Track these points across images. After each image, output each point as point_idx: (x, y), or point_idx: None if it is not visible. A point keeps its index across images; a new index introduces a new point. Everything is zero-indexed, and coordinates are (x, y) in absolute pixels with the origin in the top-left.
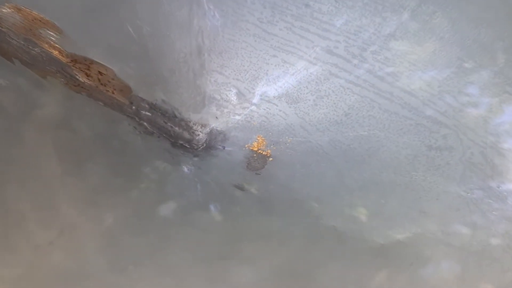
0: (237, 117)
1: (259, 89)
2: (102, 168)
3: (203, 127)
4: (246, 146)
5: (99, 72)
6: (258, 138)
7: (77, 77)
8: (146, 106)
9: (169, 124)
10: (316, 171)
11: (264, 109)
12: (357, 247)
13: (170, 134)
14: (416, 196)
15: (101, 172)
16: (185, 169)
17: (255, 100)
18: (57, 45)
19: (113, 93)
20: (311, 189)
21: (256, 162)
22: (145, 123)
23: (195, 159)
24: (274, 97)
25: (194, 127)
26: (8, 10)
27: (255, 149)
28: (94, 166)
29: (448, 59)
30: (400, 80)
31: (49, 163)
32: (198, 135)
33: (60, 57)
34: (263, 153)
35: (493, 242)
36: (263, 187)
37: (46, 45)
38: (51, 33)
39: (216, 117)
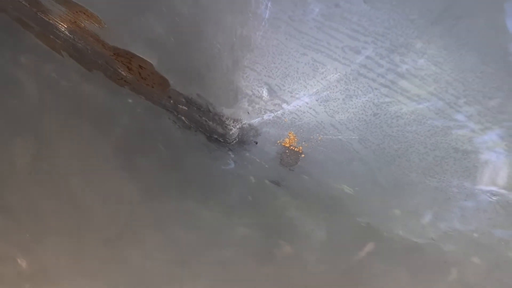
0: (268, 113)
1: (289, 86)
2: (152, 163)
3: (235, 122)
4: (278, 142)
5: (140, 66)
6: (290, 135)
7: (120, 70)
8: (183, 100)
9: (203, 118)
10: (348, 168)
11: (295, 107)
12: (391, 245)
13: (205, 128)
14: (446, 197)
15: (151, 166)
16: (222, 164)
17: (285, 97)
18: (100, 38)
19: (152, 86)
20: (344, 187)
21: (289, 158)
22: (183, 117)
23: (230, 153)
24: (304, 95)
25: (227, 122)
26: (54, 1)
27: (287, 145)
28: (143, 160)
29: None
30: (427, 82)
31: (104, 157)
32: (231, 129)
33: (103, 50)
34: (295, 149)
35: None
36: (298, 183)
37: (91, 38)
38: (95, 26)
39: (248, 113)
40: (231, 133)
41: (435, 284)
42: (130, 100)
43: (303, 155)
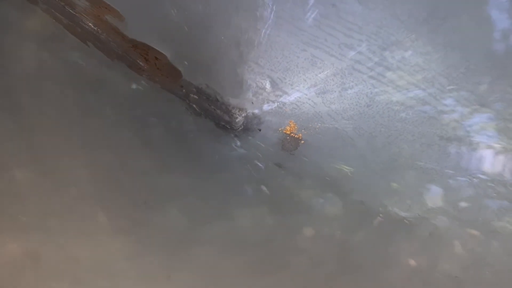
0: (271, 103)
1: (290, 79)
2: (167, 141)
3: (240, 111)
4: (279, 129)
5: (155, 57)
6: (290, 123)
7: (138, 61)
8: (194, 89)
9: (212, 106)
10: (343, 154)
11: (295, 98)
12: (381, 219)
13: (214, 115)
14: (431, 179)
15: (166, 143)
16: (229, 148)
17: (286, 89)
18: (120, 31)
19: (167, 76)
20: (339, 169)
21: (290, 144)
22: (194, 105)
23: (236, 139)
24: (303, 87)
25: (233, 111)
26: None
27: (288, 132)
28: (160, 138)
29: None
30: (415, 77)
31: (125, 135)
32: (237, 117)
33: (123, 42)
34: (295, 136)
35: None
36: (298, 165)
37: (112, 31)
38: (116, 20)
39: (252, 103)
40: (237, 120)
41: (434, 256)
42: (147, 87)
43: (302, 141)
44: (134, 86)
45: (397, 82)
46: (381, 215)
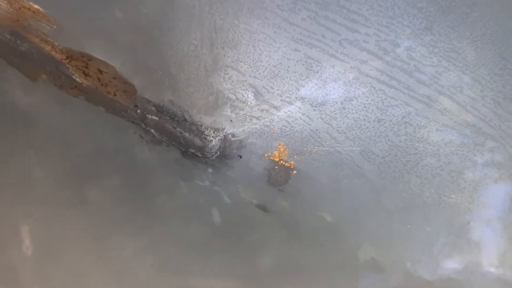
0: (255, 121)
1: (278, 88)
2: (108, 193)
3: (216, 132)
4: (265, 155)
5: (99, 70)
6: (279, 146)
7: (74, 77)
8: (153, 109)
9: (178, 129)
10: (348, 188)
11: (285, 112)
12: (400, 284)
13: (180, 141)
14: (464, 222)
15: (107, 197)
16: (199, 185)
17: (274, 102)
18: (49, 39)
19: (115, 95)
20: (344, 211)
21: (278, 176)
22: (152, 130)
23: (209, 171)
24: (296, 98)
25: (206, 132)
26: None
27: (276, 159)
28: (98, 190)
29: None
30: (439, 81)
31: (49, 189)
32: (211, 141)
33: (53, 53)
34: (286, 164)
35: None
36: (289, 207)
37: (37, 39)
38: (42, 24)
39: (231, 120)
40: (211, 145)
41: None
42: (85, 114)
43: (295, 172)
44: (65, 113)
45: (415, 88)
46: (399, 277)
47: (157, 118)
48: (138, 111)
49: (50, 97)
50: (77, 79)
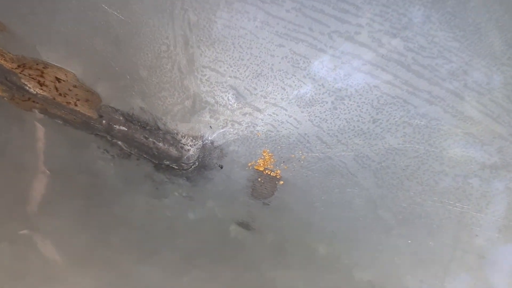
0: (237, 126)
1: (262, 89)
2: (65, 221)
3: (194, 140)
4: (249, 164)
5: (56, 79)
6: (264, 154)
7: (27, 87)
8: (121, 118)
9: (151, 139)
10: (341, 199)
11: (270, 115)
12: None
13: (153, 153)
14: (472, 234)
15: (63, 226)
16: (173, 203)
17: (258, 104)
18: None
19: (76, 105)
20: (336, 226)
21: (263, 187)
22: (119, 142)
23: (186, 184)
24: (281, 99)
25: (183, 141)
26: None
27: (261, 168)
28: (52, 220)
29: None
30: (440, 74)
31: None
32: (188, 150)
33: (2, 62)
34: (272, 174)
35: None
36: (274, 223)
37: None
38: None
39: (210, 127)
40: (188, 155)
41: None
42: (39, 129)
43: (281, 182)
44: (16, 131)
45: (415, 83)
46: None
47: (126, 129)
48: (103, 121)
49: None
50: (31, 89)
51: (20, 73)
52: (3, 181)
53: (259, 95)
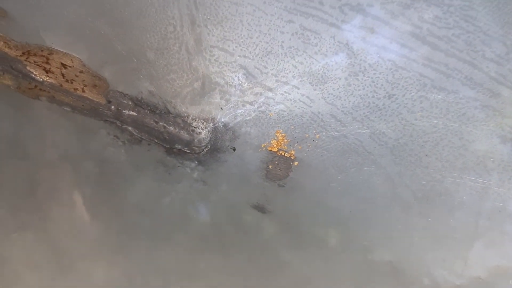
0: (248, 107)
1: (273, 67)
2: (76, 210)
3: (205, 123)
4: (262, 146)
5: (62, 65)
6: (277, 134)
7: (33, 75)
8: (130, 103)
9: (161, 123)
10: (358, 178)
11: (282, 94)
12: None
13: (164, 137)
14: (495, 209)
15: (74, 216)
16: (186, 188)
17: (269, 83)
18: (1, 34)
19: (83, 91)
20: (353, 206)
21: (278, 168)
22: (129, 128)
23: (199, 168)
24: (293, 77)
25: (194, 124)
26: None
27: (275, 149)
28: (62, 208)
29: None
30: (457, 45)
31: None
32: (200, 133)
33: (6, 50)
34: (286, 154)
35: None
36: (290, 205)
37: None
38: None
39: (221, 108)
40: (200, 138)
41: None
42: (47, 117)
43: (296, 163)
44: (24, 118)
45: (430, 56)
46: (421, 283)
47: (135, 113)
48: (112, 107)
49: (4, 101)
50: (37, 77)
51: (25, 60)
52: (12, 170)
53: (270, 73)
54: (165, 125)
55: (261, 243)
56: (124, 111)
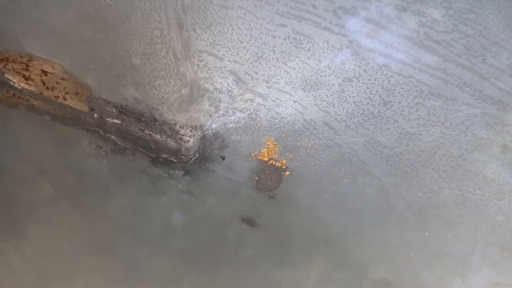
0: (238, 114)
1: (264, 73)
2: (53, 227)
3: (193, 131)
4: (253, 155)
5: (43, 71)
6: (268, 143)
7: (11, 82)
8: (114, 111)
9: (147, 131)
10: (351, 189)
11: (273, 101)
12: None
13: (150, 146)
14: (495, 224)
15: (51, 233)
16: (171, 200)
17: (260, 89)
18: None
19: (64, 98)
20: (346, 219)
21: (268, 179)
22: (113, 137)
23: (186, 178)
24: (285, 83)
25: (181, 132)
26: None
27: (265, 158)
28: (40, 227)
29: None
30: (455, 50)
31: None
32: (187, 141)
33: None
34: (277, 164)
35: None
36: (281, 218)
37: None
38: None
39: (210, 115)
40: (187, 146)
41: None
42: (26, 128)
43: (287, 173)
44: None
45: (428, 61)
46: None
47: (120, 122)
48: (95, 115)
49: None
50: (16, 84)
51: (3, 67)
52: None
53: (261, 79)
54: (151, 133)
55: (248, 260)
56: (107, 119)
